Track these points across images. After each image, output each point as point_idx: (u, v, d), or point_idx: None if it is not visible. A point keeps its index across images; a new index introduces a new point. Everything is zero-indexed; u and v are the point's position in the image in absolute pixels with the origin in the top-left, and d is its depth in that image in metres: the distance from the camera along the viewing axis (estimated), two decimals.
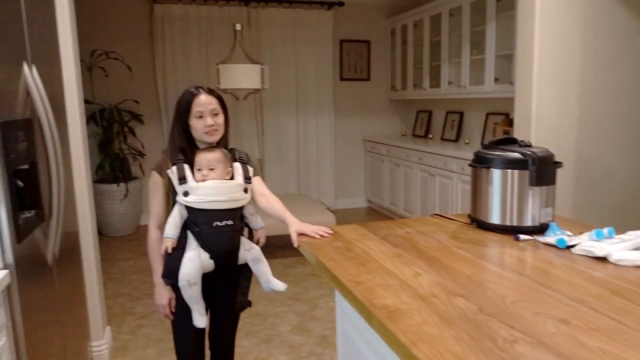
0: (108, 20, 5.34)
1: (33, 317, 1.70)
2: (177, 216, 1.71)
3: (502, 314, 1.06)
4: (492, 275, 1.30)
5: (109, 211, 5.08)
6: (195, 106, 1.74)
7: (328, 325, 3.09)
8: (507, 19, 4.15)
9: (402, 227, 1.81)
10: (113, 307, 3.39)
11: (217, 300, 1.88)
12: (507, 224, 1.68)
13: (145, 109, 5.55)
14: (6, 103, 1.56)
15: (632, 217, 3.26)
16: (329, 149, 6.15)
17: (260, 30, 5.73)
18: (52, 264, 1.97)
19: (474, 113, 5.15)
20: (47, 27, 2.13)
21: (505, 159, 1.69)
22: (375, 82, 6.32)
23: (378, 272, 1.34)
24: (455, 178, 4.33)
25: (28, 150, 1.73)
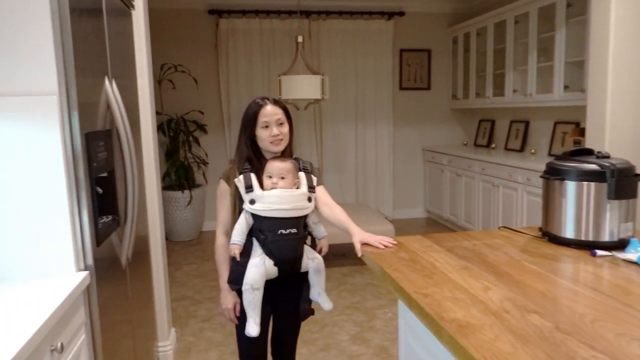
0: (176, 35, 5.60)
1: (108, 316, 1.79)
2: (244, 223, 1.75)
3: (581, 333, 1.01)
4: (568, 291, 1.24)
5: (173, 217, 5.29)
6: (262, 116, 1.79)
7: (387, 336, 3.05)
8: (577, 25, 3.98)
9: (469, 239, 1.76)
10: (177, 309, 3.51)
11: (279, 307, 1.91)
12: (583, 238, 1.60)
13: (209, 119, 5.75)
14: (90, 115, 1.67)
15: None
16: (387, 158, 6.11)
17: (321, 41, 5.81)
18: (126, 266, 2.07)
19: (541, 122, 4.95)
20: (126, 42, 2.27)
21: (580, 171, 1.61)
22: (436, 91, 6.23)
23: (445, 284, 1.31)
24: (521, 189, 4.17)
25: (107, 160, 1.84)
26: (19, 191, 1.51)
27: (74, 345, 1.49)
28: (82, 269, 1.62)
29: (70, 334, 1.46)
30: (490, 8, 5.42)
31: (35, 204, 1.52)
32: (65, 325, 1.43)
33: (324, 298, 1.85)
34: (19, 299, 1.39)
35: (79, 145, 1.57)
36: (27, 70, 1.47)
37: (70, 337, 1.47)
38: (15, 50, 1.46)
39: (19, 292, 1.44)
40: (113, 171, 1.93)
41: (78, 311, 1.55)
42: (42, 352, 1.26)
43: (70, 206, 1.55)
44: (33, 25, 1.46)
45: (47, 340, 1.29)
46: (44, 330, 1.24)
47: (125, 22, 2.30)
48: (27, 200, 1.51)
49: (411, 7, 5.99)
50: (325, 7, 5.77)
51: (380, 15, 5.88)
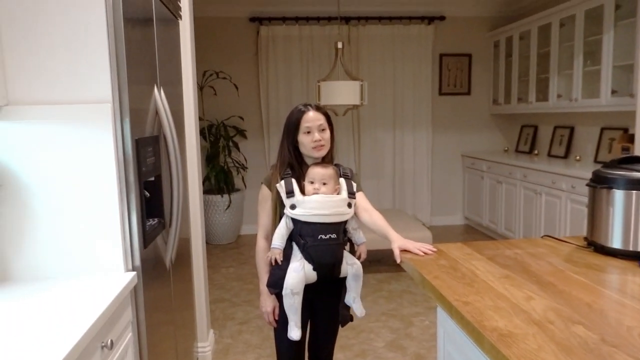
0: (218, 42, 5.74)
1: (153, 316, 1.85)
2: (284, 228, 1.78)
3: (629, 346, 0.98)
4: (615, 303, 1.21)
5: (213, 220, 5.40)
6: (304, 122, 1.82)
7: (424, 344, 3.02)
8: (626, 27, 3.85)
9: (510, 247, 1.74)
10: (215, 311, 3.58)
11: (318, 311, 1.93)
12: (631, 249, 1.55)
13: (249, 125, 5.85)
14: (140, 122, 1.74)
15: None
16: (425, 164, 6.05)
17: (360, 47, 5.82)
18: (169, 268, 2.14)
19: (587, 128, 4.81)
20: (173, 53, 2.35)
21: (630, 179, 1.57)
22: (476, 96, 6.14)
23: (487, 293, 1.30)
24: (565, 197, 4.05)
25: (155, 164, 1.91)
26: (74, 193, 1.59)
27: (122, 343, 1.56)
28: (130, 269, 1.68)
29: (118, 331, 1.53)
30: (534, 11, 5.30)
31: (89, 206, 1.60)
32: (115, 323, 1.49)
33: (358, 304, 1.86)
34: (72, 296, 1.46)
35: (130, 150, 1.64)
36: (83, 79, 1.55)
37: (119, 335, 1.53)
38: (73, 61, 1.55)
39: (72, 289, 1.51)
40: (160, 176, 2.00)
41: (126, 310, 1.61)
42: (94, 347, 1.32)
43: (121, 208, 1.63)
44: (89, 36, 1.53)
45: (99, 336, 1.35)
46: (97, 326, 1.30)
47: (173, 31, 2.39)
48: (81, 202, 1.59)
49: (452, 11, 5.93)
50: (365, 13, 5.78)
51: (420, 20, 5.85)
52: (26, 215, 1.58)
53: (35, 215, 1.58)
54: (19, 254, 1.59)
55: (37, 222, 1.59)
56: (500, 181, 5.16)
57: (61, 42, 1.54)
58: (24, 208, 1.58)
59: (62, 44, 1.54)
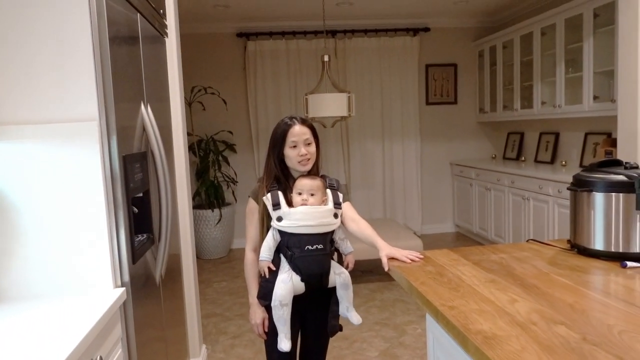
0: (206, 58, 5.78)
1: (143, 331, 1.85)
2: (271, 240, 1.80)
3: (609, 344, 1.01)
4: (597, 303, 1.24)
5: (203, 235, 5.39)
6: (290, 136, 1.84)
7: (417, 352, 3.03)
8: (605, 35, 3.94)
9: (496, 252, 1.76)
10: (207, 326, 3.57)
11: (308, 322, 1.94)
12: (612, 250, 1.59)
13: (238, 139, 5.88)
14: (127, 138, 1.76)
15: None
16: (415, 173, 6.10)
17: (347, 59, 5.89)
18: (159, 283, 2.14)
19: (571, 133, 4.88)
20: (159, 69, 2.37)
21: (609, 182, 1.60)
22: (463, 105, 6.22)
23: (472, 297, 1.32)
24: (552, 202, 4.10)
25: (143, 180, 1.92)
26: (62, 210, 1.59)
27: (112, 359, 1.55)
28: (119, 285, 1.68)
29: (108, 347, 1.52)
30: (516, 21, 5.41)
31: (76, 222, 1.60)
32: (104, 340, 1.49)
33: (352, 313, 1.87)
34: (61, 313, 1.46)
35: (117, 167, 1.65)
36: (70, 98, 1.57)
37: (109, 351, 1.53)
38: (59, 79, 1.56)
39: (60, 306, 1.51)
40: (148, 191, 2.01)
41: (115, 326, 1.61)
42: None
43: (109, 225, 1.63)
44: (75, 55, 1.56)
45: (88, 352, 1.35)
46: (86, 342, 1.30)
47: (159, 48, 2.41)
48: (69, 219, 1.60)
49: (436, 22, 6.02)
50: (351, 26, 5.86)
51: (405, 32, 5.94)
52: (14, 234, 1.58)
53: (23, 233, 1.59)
54: (7, 272, 1.59)
55: (24, 240, 1.59)
56: (488, 188, 5.21)
57: (48, 62, 1.56)
58: (12, 226, 1.58)
59: (48, 65, 1.56)
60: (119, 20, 1.75)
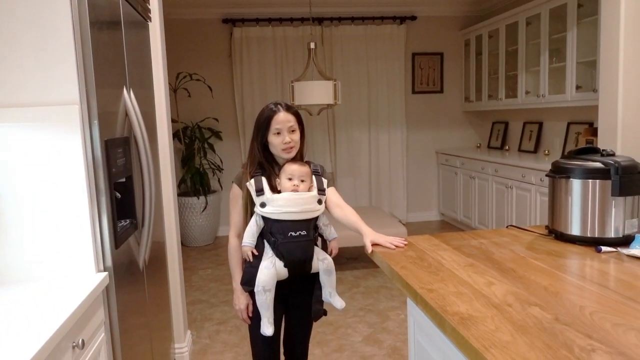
0: (191, 45, 5.72)
1: (126, 316, 1.86)
2: (254, 225, 1.81)
3: (580, 324, 1.04)
4: (571, 286, 1.27)
5: (189, 222, 5.38)
6: (274, 123, 1.84)
7: (400, 337, 3.08)
8: (589, 25, 3.98)
9: (476, 238, 1.79)
10: (193, 312, 3.58)
11: (291, 307, 1.96)
12: (588, 235, 1.62)
13: (224, 126, 5.85)
14: (109, 123, 1.75)
15: None
16: (401, 161, 6.13)
17: (333, 47, 5.87)
18: (143, 269, 2.14)
19: (554, 123, 4.94)
20: (143, 54, 2.35)
21: (585, 169, 1.64)
22: (449, 94, 6.25)
23: (451, 280, 1.35)
24: (534, 190, 4.16)
25: (125, 166, 1.92)
26: (43, 195, 1.59)
27: (94, 343, 1.56)
28: (102, 270, 1.69)
29: (90, 331, 1.53)
30: (501, 10, 5.44)
31: (58, 207, 1.60)
32: (86, 323, 1.50)
33: (335, 298, 1.89)
34: (42, 297, 1.46)
35: (99, 151, 1.64)
36: (51, 82, 1.56)
37: (91, 335, 1.54)
38: (39, 63, 1.55)
39: (41, 291, 1.51)
40: (131, 177, 2.01)
41: (98, 310, 1.62)
42: (65, 347, 1.33)
43: (91, 210, 1.63)
44: (55, 39, 1.54)
45: (69, 336, 1.36)
46: (66, 326, 1.31)
47: (142, 33, 2.39)
48: (50, 203, 1.59)
49: (423, 11, 6.02)
50: (337, 14, 5.84)
51: (392, 20, 5.93)
52: None
53: (4, 218, 1.58)
54: None
55: (6, 225, 1.58)
56: (473, 176, 5.27)
57: (28, 45, 1.54)
58: None
59: (29, 48, 1.54)
60: (101, 3, 1.73)
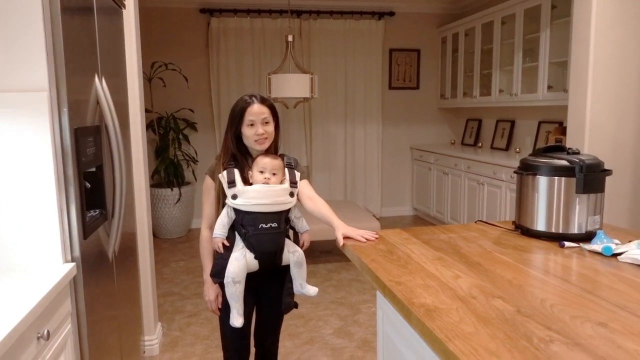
0: (167, 34, 5.63)
1: (95, 308, 1.83)
2: (225, 217, 1.80)
3: (540, 316, 1.07)
4: (534, 280, 1.31)
5: (162, 214, 5.32)
6: (248, 115, 1.83)
7: (370, 330, 3.12)
8: (561, 26, 4.07)
9: (446, 232, 1.83)
10: (164, 305, 3.55)
11: (262, 299, 1.96)
12: (553, 231, 1.67)
13: (200, 117, 5.79)
14: (80, 111, 1.72)
15: None
16: (376, 157, 6.18)
17: (311, 40, 5.86)
18: (112, 260, 2.12)
19: (526, 121, 5.05)
20: (116, 41, 2.31)
21: (552, 167, 1.68)
22: (425, 91, 6.31)
23: (419, 273, 1.37)
24: (504, 187, 4.25)
25: (96, 155, 1.88)
26: (9, 184, 1.55)
27: (60, 334, 1.54)
28: (69, 261, 1.66)
29: (56, 323, 1.51)
30: (478, 9, 5.51)
31: (24, 197, 1.56)
32: (52, 315, 1.47)
33: (307, 288, 1.90)
34: (7, 287, 1.43)
35: (68, 140, 1.61)
36: (18, 67, 1.52)
37: (57, 326, 1.51)
38: (7, 48, 1.50)
39: (7, 280, 1.48)
40: (102, 166, 1.97)
41: (64, 301, 1.59)
42: (29, 338, 1.31)
43: (59, 199, 1.60)
44: (25, 24, 1.50)
45: (34, 327, 1.33)
46: (31, 317, 1.29)
47: (116, 20, 2.34)
48: (17, 192, 1.56)
49: (401, 7, 6.06)
50: (316, 7, 5.82)
51: (370, 15, 5.95)
52: None
53: None
54: None
55: None
56: (446, 172, 5.34)
57: None
58: None
59: None
60: None
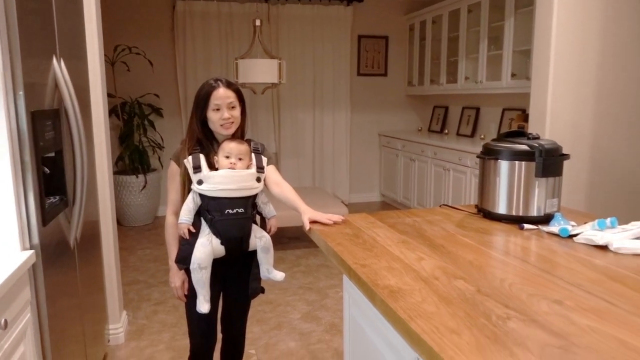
0: (131, 16, 5.47)
1: (56, 298, 1.79)
2: (191, 203, 1.78)
3: (499, 295, 1.11)
4: (494, 261, 1.35)
5: (127, 202, 5.22)
6: (213, 99, 1.80)
7: (338, 314, 3.15)
8: (525, 15, 4.15)
9: (411, 216, 1.85)
10: (130, 293, 3.50)
11: (229, 285, 1.95)
12: (513, 214, 1.72)
13: (165, 103, 5.67)
14: (36, 94, 1.66)
15: None
16: (344, 143, 6.20)
17: (280, 25, 5.80)
18: (74, 248, 2.07)
19: (491, 108, 5.15)
20: (75, 22, 2.23)
21: (513, 151, 1.72)
22: (392, 78, 6.35)
23: (384, 256, 1.39)
24: (469, 172, 4.34)
25: (55, 139, 1.83)
26: None
27: (19, 323, 1.50)
28: (28, 248, 1.61)
29: (14, 311, 1.46)
30: None
31: None
32: (10, 303, 1.43)
33: (274, 273, 1.90)
34: None
35: (25, 124, 1.56)
36: None
37: (15, 315, 1.47)
38: None
39: None
40: (61, 151, 1.92)
41: (23, 289, 1.55)
42: None
43: (15, 185, 1.55)
44: None
45: None
46: None
47: (74, 1, 2.26)
48: None
49: None
50: None
51: (339, 2, 5.92)
52: None
53: None
54: None
55: None
56: (413, 159, 5.41)
57: None
58: None
59: None
60: None
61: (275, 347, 2.76)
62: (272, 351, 2.72)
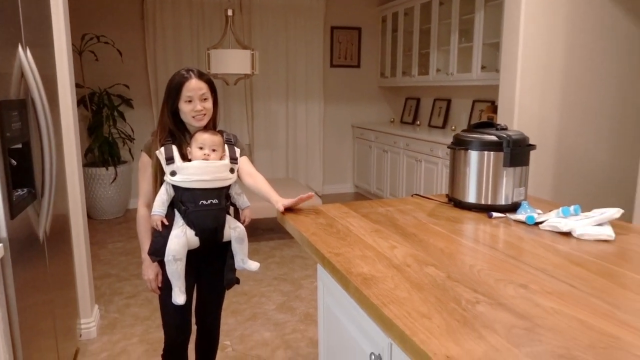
0: (99, 5, 5.34)
1: (26, 293, 1.76)
2: (164, 194, 1.77)
3: (469, 280, 1.14)
4: (464, 248, 1.39)
5: (98, 195, 5.12)
6: (185, 91, 1.79)
7: (312, 304, 3.18)
8: (495, 8, 4.22)
9: (383, 206, 1.89)
10: (101, 287, 3.45)
11: (203, 276, 1.95)
12: (482, 202, 1.77)
13: (136, 94, 5.57)
14: (2, 83, 1.61)
15: (607, 198, 3.37)
16: (317, 134, 6.21)
17: (252, 16, 5.75)
18: (44, 241, 2.03)
19: (461, 100, 5.23)
20: (41, 10, 2.17)
21: (482, 142, 1.76)
22: (365, 69, 6.38)
23: (357, 245, 1.42)
24: (441, 163, 4.42)
25: (22, 130, 1.78)
26: None
27: None
28: None
29: None
30: None
31: None
32: None
33: (249, 263, 1.91)
34: None
35: None
36: None
37: None
38: None
39: None
40: (29, 143, 1.87)
41: None
42: None
43: None
44: None
45: None
46: None
47: None
48: None
49: None
50: None
51: None
52: None
53: None
54: None
55: None
56: (386, 150, 5.47)
57: None
58: None
59: None
60: None
61: (250, 337, 2.77)
62: (247, 342, 2.73)
